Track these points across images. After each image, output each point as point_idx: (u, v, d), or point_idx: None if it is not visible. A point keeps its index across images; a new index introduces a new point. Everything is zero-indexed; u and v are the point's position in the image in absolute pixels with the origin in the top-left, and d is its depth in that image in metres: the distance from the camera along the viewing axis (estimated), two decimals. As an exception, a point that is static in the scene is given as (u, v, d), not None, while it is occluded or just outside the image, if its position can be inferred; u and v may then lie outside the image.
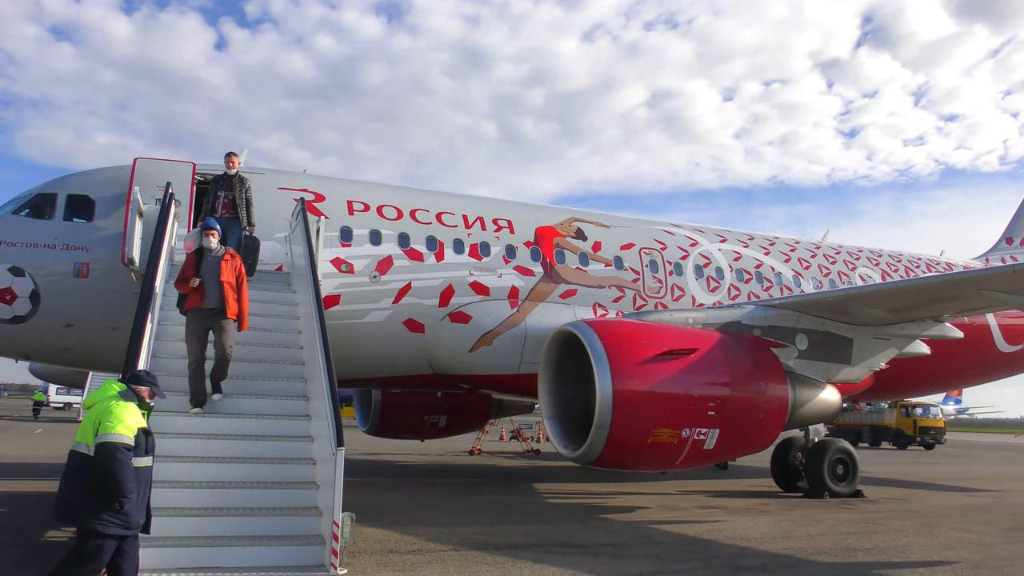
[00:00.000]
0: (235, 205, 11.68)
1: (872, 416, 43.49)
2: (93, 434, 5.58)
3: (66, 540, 9.03)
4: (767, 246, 18.08)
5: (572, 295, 14.97)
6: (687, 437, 11.67)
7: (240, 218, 11.68)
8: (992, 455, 38.09)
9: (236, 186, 11.78)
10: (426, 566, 8.04)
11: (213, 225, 9.37)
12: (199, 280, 8.92)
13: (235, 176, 11.84)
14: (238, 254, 9.50)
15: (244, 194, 11.80)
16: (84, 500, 5.52)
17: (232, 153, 12.05)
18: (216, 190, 11.78)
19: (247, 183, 11.91)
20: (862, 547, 9.94)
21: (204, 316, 8.86)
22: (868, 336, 14.76)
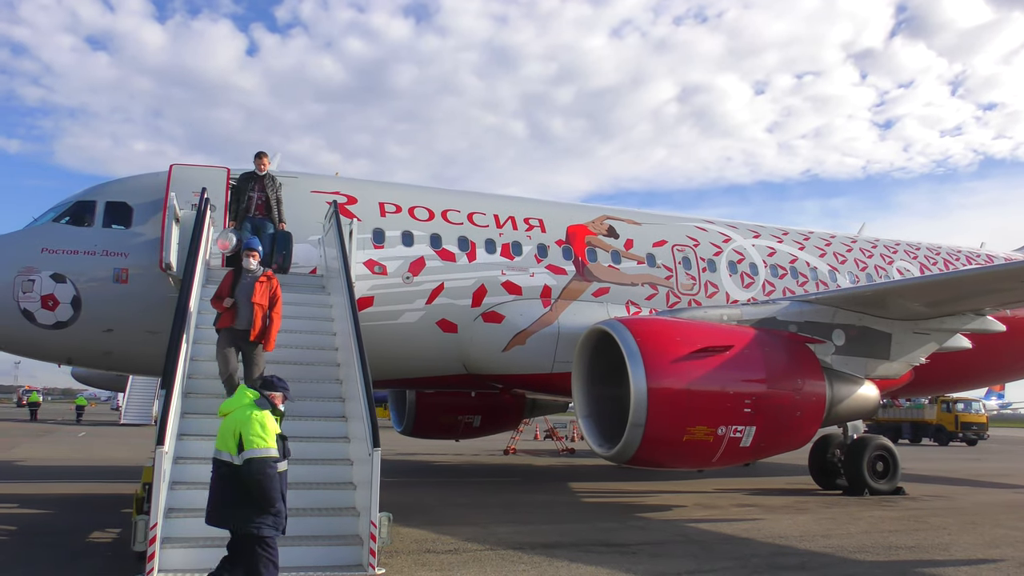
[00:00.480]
0: (268, 206, 11.84)
1: (912, 412, 42.78)
2: (235, 443, 5.75)
3: (110, 541, 9.21)
4: (802, 241, 17.88)
5: (605, 293, 14.93)
6: (723, 435, 11.58)
7: (273, 218, 11.87)
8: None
9: (268, 185, 11.93)
10: (462, 566, 8.07)
11: (255, 247, 9.38)
12: (233, 300, 8.88)
13: (266, 176, 11.99)
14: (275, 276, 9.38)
15: (276, 193, 11.97)
16: (236, 506, 5.73)
17: (262, 153, 12.17)
18: (247, 190, 11.90)
19: (278, 182, 12.09)
20: (904, 545, 9.79)
21: (236, 336, 8.82)
22: (907, 331, 14.53)
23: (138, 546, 6.79)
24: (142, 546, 6.65)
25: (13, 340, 12.42)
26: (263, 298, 8.90)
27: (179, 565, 6.66)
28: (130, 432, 35.25)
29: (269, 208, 11.87)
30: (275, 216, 11.89)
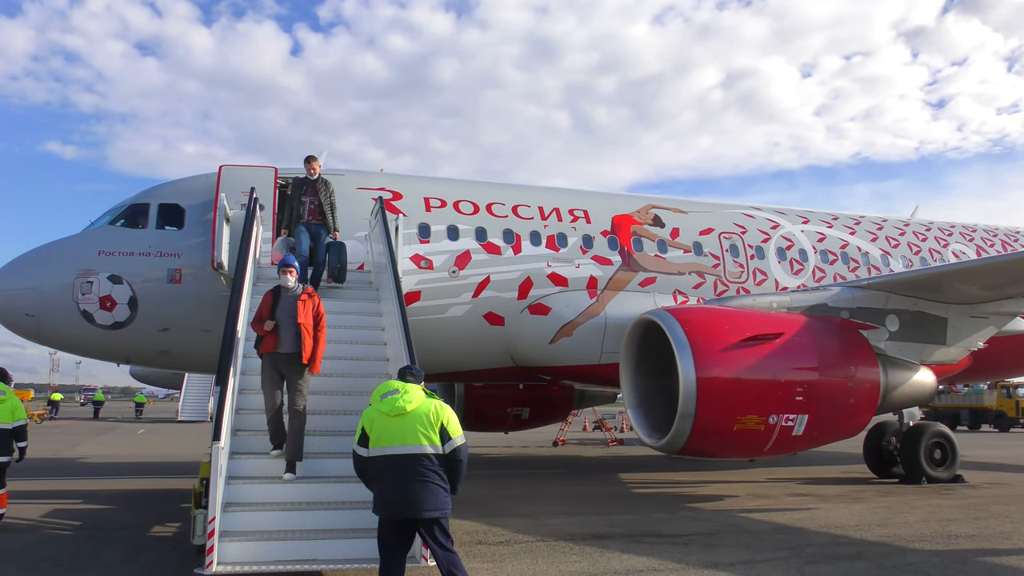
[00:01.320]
0: (321, 211, 11.58)
1: (971, 398, 41.74)
2: (436, 434, 5.92)
3: (171, 535, 9.46)
4: (852, 225, 17.55)
5: (651, 283, 14.84)
6: (775, 424, 11.44)
7: (328, 224, 11.60)
8: (1104, 436, 36.10)
9: (320, 190, 11.68)
10: (514, 557, 8.11)
11: (291, 263, 8.69)
12: (274, 323, 8.33)
13: (318, 180, 11.75)
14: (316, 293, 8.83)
15: (329, 198, 11.71)
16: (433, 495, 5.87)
17: (312, 157, 12.00)
18: (300, 195, 11.68)
19: (331, 187, 11.84)
20: (964, 533, 9.58)
21: (279, 361, 8.23)
22: (964, 315, 14.17)
23: (197, 540, 6.96)
24: (201, 539, 6.81)
25: (74, 341, 12.81)
26: (307, 317, 8.32)
27: (237, 558, 6.80)
28: (187, 428, 36.08)
29: (323, 213, 11.58)
30: (329, 222, 11.63)
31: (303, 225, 11.48)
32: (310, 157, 11.99)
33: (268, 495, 7.60)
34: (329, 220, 11.61)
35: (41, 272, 12.37)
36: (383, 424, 5.93)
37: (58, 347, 13.97)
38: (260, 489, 7.63)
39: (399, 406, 5.95)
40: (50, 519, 10.63)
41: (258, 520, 7.28)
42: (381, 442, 5.90)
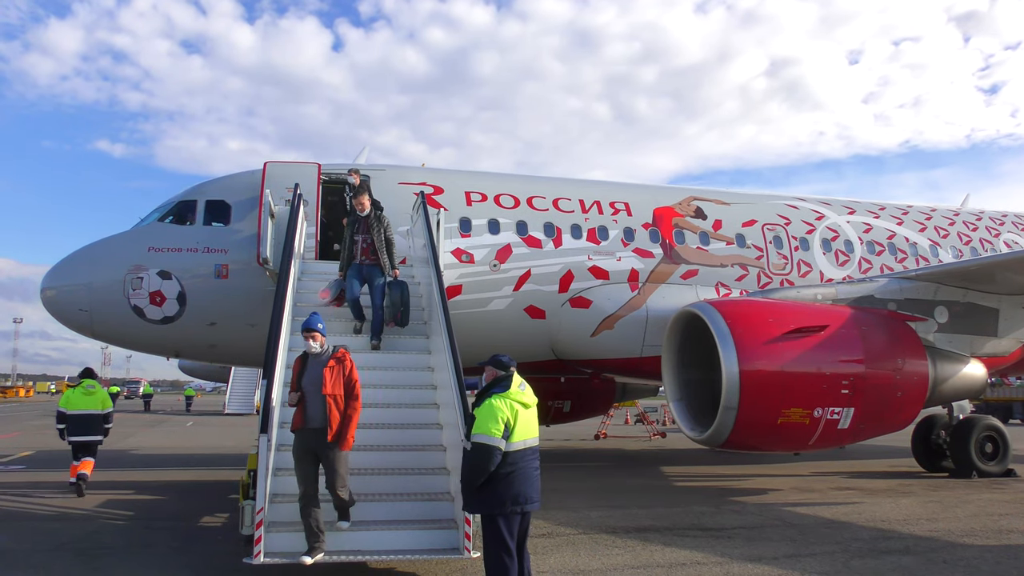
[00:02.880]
0: (375, 249, 10.36)
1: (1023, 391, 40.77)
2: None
3: (220, 525, 9.66)
4: (900, 216, 17.23)
5: (693, 275, 14.74)
6: (820, 417, 11.30)
7: (382, 264, 10.37)
8: None
9: (373, 227, 10.45)
10: (556, 549, 8.14)
11: (315, 326, 7.51)
12: (298, 394, 7.36)
13: (370, 215, 10.51)
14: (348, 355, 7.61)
15: (383, 234, 10.48)
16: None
17: (361, 190, 10.83)
18: (352, 234, 10.51)
19: (385, 221, 10.59)
20: (1017, 529, 9.38)
21: (309, 438, 7.18)
22: (1016, 306, 13.83)
23: (245, 530, 7.10)
24: (249, 530, 6.94)
25: (125, 335, 13.14)
26: (336, 387, 7.27)
27: (284, 548, 6.93)
28: (234, 421, 36.72)
29: (376, 252, 10.37)
30: (384, 261, 10.38)
31: (355, 266, 10.39)
32: (359, 189, 10.92)
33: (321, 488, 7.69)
34: (384, 258, 10.38)
35: (93, 268, 12.71)
36: (521, 416, 5.88)
37: (110, 341, 14.33)
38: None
39: (533, 397, 6.01)
40: (104, 509, 10.92)
41: (304, 511, 7.39)
42: (521, 435, 5.84)
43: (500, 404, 5.81)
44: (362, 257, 10.37)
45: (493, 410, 5.77)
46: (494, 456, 5.69)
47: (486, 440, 5.69)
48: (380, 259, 10.35)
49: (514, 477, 5.76)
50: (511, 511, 5.77)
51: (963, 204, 19.42)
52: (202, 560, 7.82)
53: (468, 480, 5.80)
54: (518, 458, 5.79)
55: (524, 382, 6.06)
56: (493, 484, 5.73)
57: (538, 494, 5.92)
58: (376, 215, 10.57)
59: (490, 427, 5.69)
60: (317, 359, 7.46)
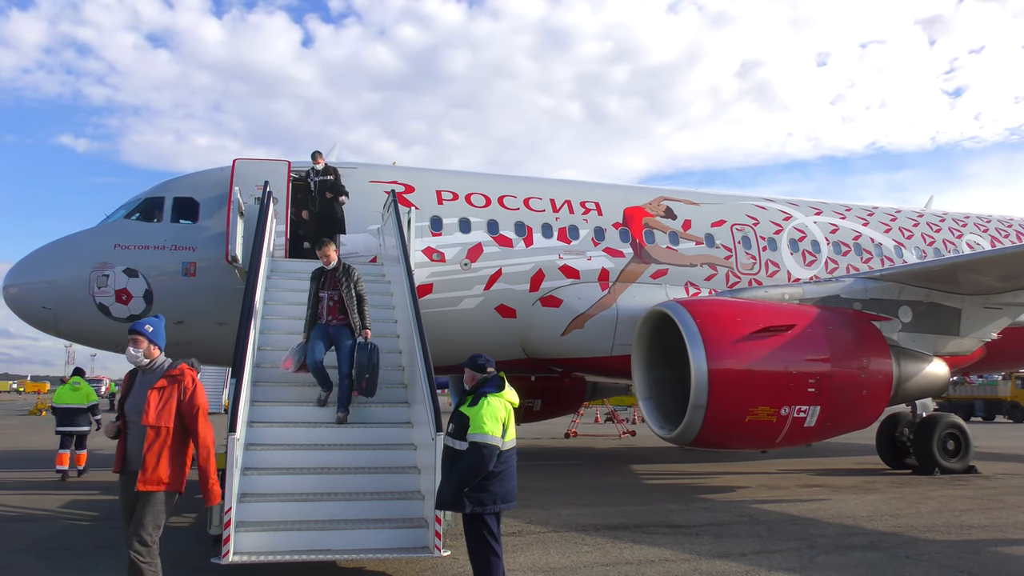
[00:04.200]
0: (344, 307, 9.04)
1: (985, 389, 41.57)
2: None
3: (188, 525, 9.56)
4: (866, 216, 17.49)
5: (663, 275, 14.85)
6: (787, 415, 11.44)
7: (352, 324, 9.00)
8: (1120, 427, 35.88)
9: (342, 282, 9.14)
10: (526, 547, 8.17)
11: (141, 328, 5.77)
12: (117, 424, 5.69)
13: (338, 268, 9.24)
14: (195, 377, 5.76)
15: (353, 289, 9.13)
16: None
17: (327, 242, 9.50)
18: (317, 289, 9.17)
19: (355, 274, 9.26)
20: (977, 524, 9.58)
21: (129, 485, 5.56)
22: (978, 306, 14.12)
23: (214, 530, 7.04)
24: (217, 530, 6.89)
25: (90, 333, 12.96)
26: (164, 417, 5.40)
27: (253, 548, 6.89)
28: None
29: (345, 310, 9.05)
30: (355, 320, 9.03)
31: (321, 326, 9.06)
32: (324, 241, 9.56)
33: (283, 486, 7.68)
34: (354, 317, 9.03)
35: (57, 265, 12.52)
36: (511, 416, 5.95)
37: (75, 340, 14.15)
38: (275, 480, 7.71)
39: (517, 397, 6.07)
40: (69, 509, 10.76)
41: (273, 511, 7.36)
42: (511, 434, 5.92)
43: (497, 403, 5.86)
44: (329, 317, 9.03)
45: (492, 409, 5.80)
46: (494, 455, 5.73)
47: (487, 439, 5.71)
48: (350, 318, 8.99)
49: (505, 475, 5.84)
50: (499, 508, 5.85)
51: (927, 206, 19.76)
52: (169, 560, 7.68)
53: (463, 479, 5.77)
54: (508, 456, 5.88)
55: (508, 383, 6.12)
56: (487, 482, 5.77)
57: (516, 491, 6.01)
58: (345, 268, 9.25)
59: (490, 427, 5.73)
60: (146, 376, 5.67)
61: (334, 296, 9.08)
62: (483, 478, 5.73)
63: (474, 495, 5.76)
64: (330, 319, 9.03)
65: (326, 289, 9.13)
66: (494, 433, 5.71)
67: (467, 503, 5.80)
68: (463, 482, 5.75)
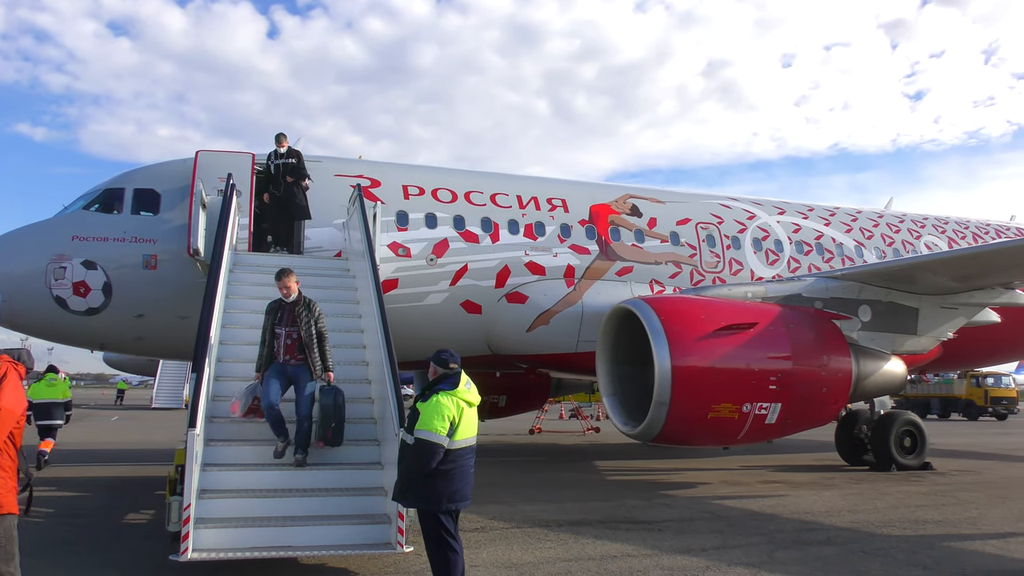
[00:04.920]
0: (303, 345, 8.19)
1: (941, 387, 42.42)
2: None
3: (146, 522, 9.43)
4: (827, 216, 17.73)
5: (628, 272, 14.93)
6: (748, 412, 11.57)
7: (312, 364, 8.18)
8: (1069, 425, 36.83)
9: (301, 318, 8.23)
10: (489, 543, 8.17)
11: None
12: None
13: (299, 301, 8.36)
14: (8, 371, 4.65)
15: (314, 325, 8.26)
16: None
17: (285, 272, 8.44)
18: (272, 324, 8.27)
19: (316, 309, 8.35)
20: (932, 519, 9.78)
21: None
22: (935, 306, 14.39)
23: (172, 526, 6.94)
24: (176, 526, 6.80)
25: (46, 327, 12.67)
26: None
27: (212, 544, 6.80)
28: (161, 416, 35.84)
29: (304, 348, 8.18)
30: (315, 361, 8.19)
31: (277, 365, 8.16)
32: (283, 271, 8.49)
33: (244, 482, 7.60)
34: (315, 357, 8.19)
35: (12, 257, 12.22)
36: (466, 415, 5.86)
37: (30, 333, 13.80)
38: (236, 476, 7.62)
39: (477, 396, 5.99)
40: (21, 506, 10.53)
41: (233, 507, 7.28)
42: (464, 433, 5.81)
43: (447, 401, 5.77)
44: (286, 356, 8.13)
45: (440, 407, 5.72)
46: (437, 453, 5.66)
47: (431, 437, 5.65)
48: (309, 358, 8.14)
49: (453, 474, 5.76)
50: (447, 508, 5.77)
51: (887, 207, 20.08)
52: (126, 558, 7.62)
53: (408, 475, 5.77)
54: (458, 456, 5.79)
55: (469, 380, 6.06)
56: (432, 480, 5.71)
57: (471, 491, 5.95)
58: (306, 303, 8.31)
59: (436, 424, 5.66)
60: None
61: (292, 333, 8.14)
62: (430, 476, 5.68)
63: (420, 491, 5.75)
64: (288, 358, 8.13)
65: (283, 325, 8.17)
66: (439, 431, 5.65)
67: (413, 499, 5.80)
68: (407, 477, 5.76)
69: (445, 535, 5.79)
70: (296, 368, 8.13)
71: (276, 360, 8.15)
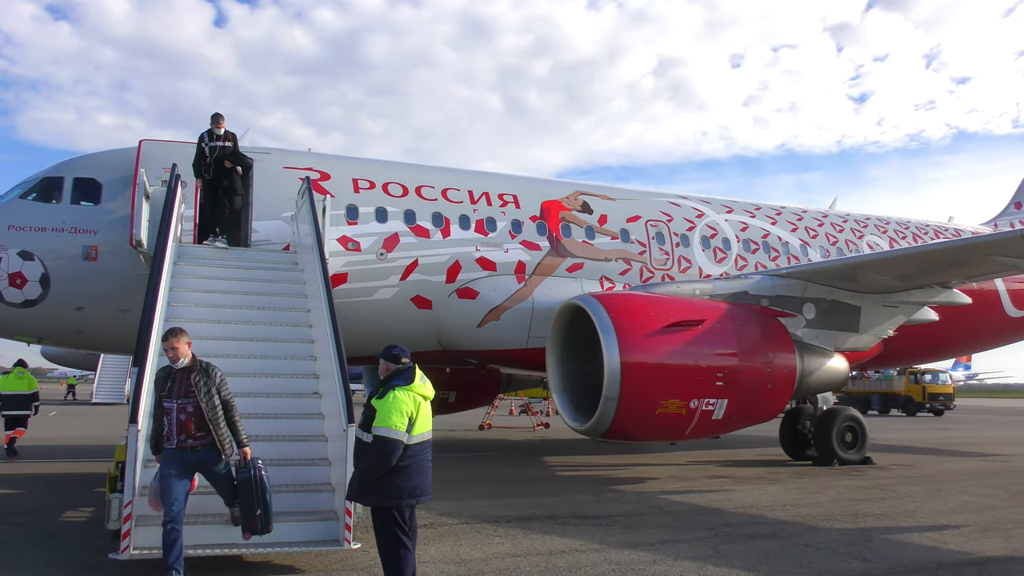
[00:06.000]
0: (203, 421, 6.37)
1: (881, 383, 43.59)
2: None
3: (84, 520, 9.18)
4: (774, 216, 18.02)
5: (579, 269, 14.98)
6: (696, 408, 11.72)
7: (219, 441, 6.44)
8: (1001, 420, 38.13)
9: (199, 386, 6.44)
10: (438, 539, 8.14)
11: None
12: None
13: (194, 368, 6.54)
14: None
15: (216, 396, 6.49)
16: None
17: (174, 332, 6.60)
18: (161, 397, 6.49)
19: (216, 375, 6.58)
20: (871, 512, 10.02)
21: None
22: (876, 304, 14.74)
23: (112, 524, 6.78)
24: (116, 524, 6.64)
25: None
26: None
27: (153, 543, 6.63)
28: (102, 411, 34.98)
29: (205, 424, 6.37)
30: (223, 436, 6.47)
31: (173, 452, 6.37)
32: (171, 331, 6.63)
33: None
34: (221, 432, 6.45)
35: (-55, 247, 11.79)
36: (423, 410, 5.81)
37: (-37, 325, 13.36)
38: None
39: (431, 390, 5.94)
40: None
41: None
42: (421, 428, 5.77)
43: (404, 397, 5.72)
44: (181, 436, 6.34)
45: (398, 403, 5.67)
46: (397, 450, 5.60)
47: (390, 434, 5.58)
48: (216, 435, 6.41)
49: (412, 470, 5.71)
50: (406, 503, 5.73)
51: (831, 207, 20.48)
52: (64, 556, 7.41)
53: (367, 473, 5.69)
54: (417, 451, 5.75)
55: (423, 374, 6.02)
56: (392, 476, 5.65)
57: (430, 486, 5.92)
58: (203, 367, 6.56)
59: (394, 420, 5.60)
60: None
61: (187, 406, 6.36)
62: (388, 472, 5.62)
63: (379, 489, 5.68)
64: (184, 439, 6.33)
65: (175, 397, 6.39)
66: (398, 427, 5.60)
67: (372, 496, 5.74)
68: (367, 475, 5.68)
69: (399, 532, 5.73)
70: (200, 454, 6.41)
71: (168, 444, 6.35)
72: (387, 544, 5.76)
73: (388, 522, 5.74)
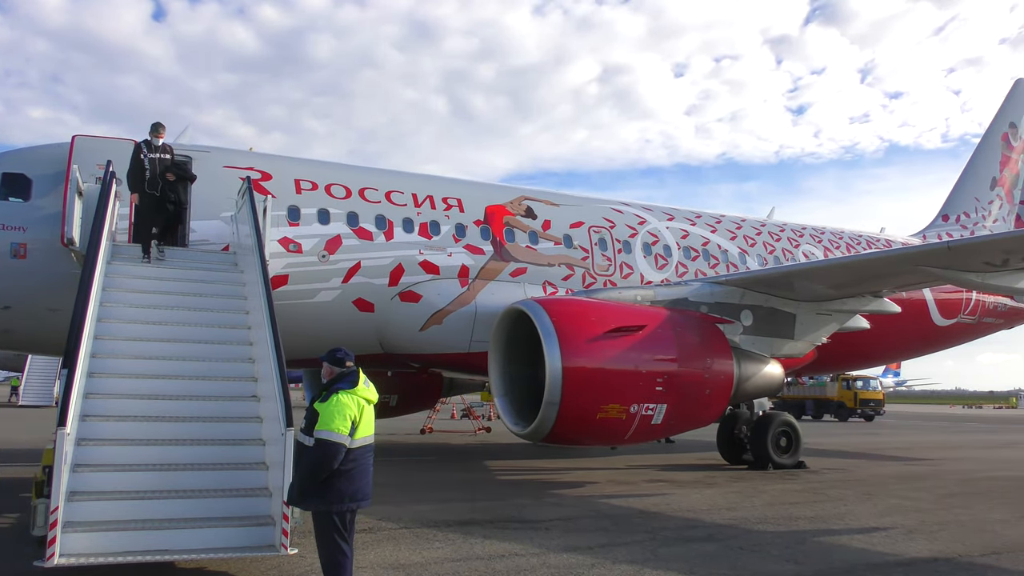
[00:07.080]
0: None
1: (815, 389, 44.64)
2: None
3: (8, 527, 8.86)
4: (714, 224, 18.34)
5: (522, 273, 15.03)
6: (635, 413, 11.85)
7: None
8: (929, 425, 39.41)
9: None
10: (377, 544, 8.07)
11: None
12: None
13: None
14: None
15: None
16: None
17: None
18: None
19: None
20: (804, 515, 10.25)
21: None
22: (811, 312, 15.12)
23: (38, 531, 6.55)
24: (42, 531, 6.42)
25: (-100, 318, 11.75)
26: None
27: (82, 549, 6.45)
28: (29, 414, 33.82)
29: None
30: None
31: None
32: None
33: (118, 483, 7.23)
34: None
35: None
36: (366, 413, 5.76)
37: None
38: (109, 477, 7.25)
39: (375, 394, 5.90)
40: None
41: (106, 510, 6.93)
42: (364, 432, 5.72)
43: (348, 400, 5.67)
44: None
45: (341, 406, 5.62)
46: (340, 453, 5.55)
47: (333, 437, 5.53)
48: None
49: (354, 474, 5.67)
50: (347, 508, 5.68)
51: (769, 216, 20.94)
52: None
53: (309, 477, 5.60)
54: (359, 455, 5.71)
55: (367, 378, 5.97)
56: (333, 480, 5.59)
57: (371, 490, 5.87)
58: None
59: (338, 424, 5.54)
60: None
61: None
62: (330, 476, 5.56)
63: (321, 493, 5.60)
64: None
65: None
66: (341, 431, 5.55)
67: (314, 501, 5.67)
68: (308, 479, 5.60)
69: (336, 536, 5.66)
70: None
71: None
72: (326, 549, 5.69)
73: (328, 527, 5.67)
